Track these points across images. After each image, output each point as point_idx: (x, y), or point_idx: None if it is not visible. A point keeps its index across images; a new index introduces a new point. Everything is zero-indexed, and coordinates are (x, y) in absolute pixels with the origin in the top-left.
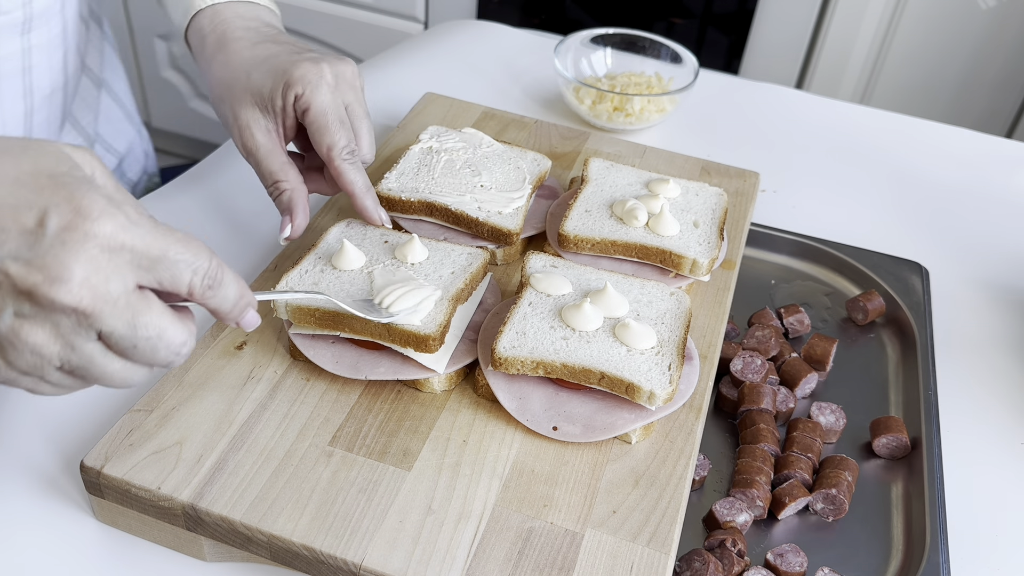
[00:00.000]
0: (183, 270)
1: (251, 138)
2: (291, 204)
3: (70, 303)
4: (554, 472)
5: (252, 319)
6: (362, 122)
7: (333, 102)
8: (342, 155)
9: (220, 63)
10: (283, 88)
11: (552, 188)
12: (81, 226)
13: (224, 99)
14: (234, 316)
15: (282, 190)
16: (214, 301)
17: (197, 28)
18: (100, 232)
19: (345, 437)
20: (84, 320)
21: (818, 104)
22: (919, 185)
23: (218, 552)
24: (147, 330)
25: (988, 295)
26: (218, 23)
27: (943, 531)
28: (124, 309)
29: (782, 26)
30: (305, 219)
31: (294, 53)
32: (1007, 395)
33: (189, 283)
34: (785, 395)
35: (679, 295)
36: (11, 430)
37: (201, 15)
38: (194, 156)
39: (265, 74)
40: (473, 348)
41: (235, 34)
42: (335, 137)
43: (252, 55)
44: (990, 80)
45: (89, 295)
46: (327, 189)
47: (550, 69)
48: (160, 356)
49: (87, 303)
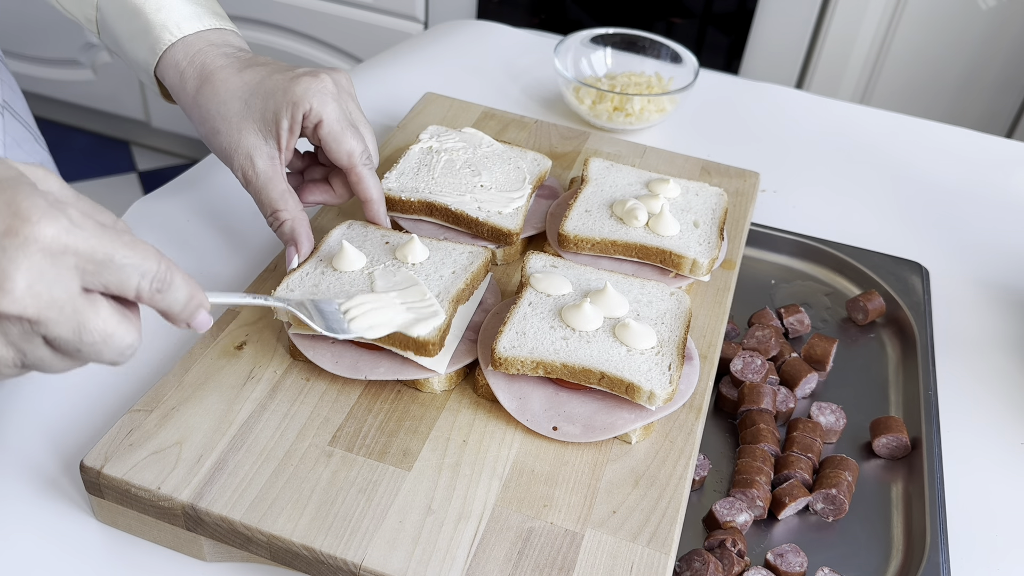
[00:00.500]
0: (130, 274)
1: (251, 167)
2: (293, 234)
3: (15, 312)
4: (554, 472)
5: (203, 320)
6: (366, 128)
7: (341, 110)
8: (362, 160)
9: (207, 96)
10: (289, 107)
11: (552, 188)
12: (21, 230)
13: (219, 131)
14: (184, 318)
15: (282, 220)
16: (163, 303)
17: (171, 64)
18: (41, 236)
19: (345, 437)
20: (31, 327)
21: (818, 104)
22: (919, 185)
23: (218, 552)
24: (92, 335)
25: (988, 295)
26: (194, 55)
27: (943, 531)
28: (70, 315)
29: (782, 26)
30: (310, 246)
31: (286, 71)
32: (1007, 395)
33: (137, 287)
34: (785, 395)
35: (679, 295)
36: (11, 430)
37: (172, 50)
38: (194, 156)
39: (264, 98)
40: (473, 348)
41: (216, 63)
42: (352, 143)
43: (242, 82)
44: (990, 80)
45: (33, 303)
46: (335, 198)
47: (550, 69)
48: (104, 357)
49: (32, 311)
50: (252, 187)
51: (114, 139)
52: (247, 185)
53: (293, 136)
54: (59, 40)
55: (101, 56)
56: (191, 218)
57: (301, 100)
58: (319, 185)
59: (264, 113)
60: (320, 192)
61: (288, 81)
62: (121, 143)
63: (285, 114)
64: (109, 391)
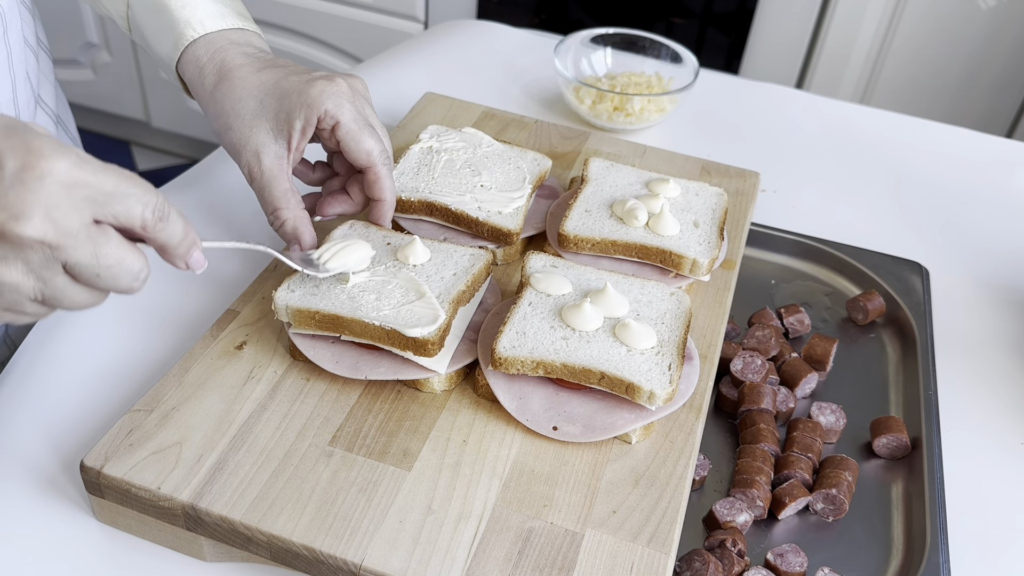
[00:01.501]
0: (135, 203)
1: (257, 164)
2: (296, 232)
3: (36, 236)
4: (554, 472)
5: (199, 259)
6: (382, 130)
7: (358, 112)
8: (382, 159)
9: (224, 92)
10: (303, 109)
11: (552, 188)
12: (37, 165)
13: (232, 127)
14: (182, 253)
15: (283, 219)
16: (164, 234)
17: (192, 59)
18: (55, 169)
19: (345, 437)
20: (51, 253)
21: (818, 104)
22: (919, 185)
23: (218, 552)
24: (108, 259)
25: (988, 295)
26: (215, 52)
27: (943, 531)
28: (86, 241)
29: (782, 26)
30: (313, 240)
31: (302, 74)
32: (1007, 395)
33: (141, 216)
34: (785, 395)
35: (679, 295)
36: (11, 430)
37: (195, 46)
38: (194, 156)
39: (279, 98)
40: (473, 348)
41: (236, 61)
42: (371, 143)
43: (259, 81)
44: (990, 80)
45: (52, 228)
46: (351, 208)
47: (550, 69)
48: (122, 283)
49: (51, 236)
50: (256, 184)
51: (114, 139)
52: (251, 182)
53: (304, 138)
54: (59, 40)
55: (101, 56)
56: (192, 217)
57: (316, 103)
58: (337, 196)
59: (278, 113)
60: (339, 203)
61: (304, 84)
62: (121, 143)
63: (299, 115)
64: (109, 391)
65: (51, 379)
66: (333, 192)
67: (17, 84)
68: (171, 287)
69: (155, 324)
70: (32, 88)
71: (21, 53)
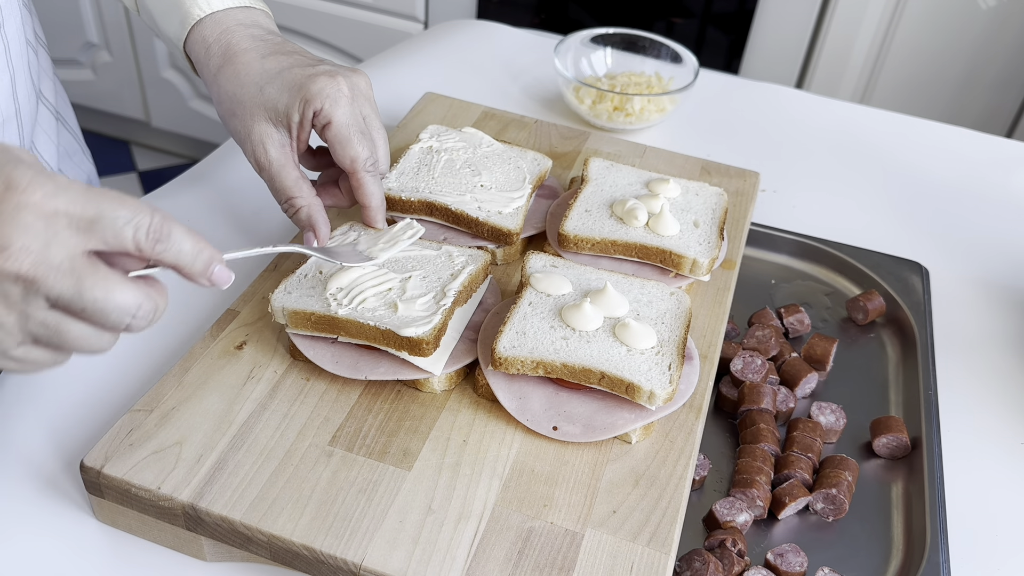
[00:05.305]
0: (122, 226)
1: (264, 154)
2: (311, 219)
3: (12, 269)
4: (554, 472)
5: (222, 275)
6: (379, 134)
7: (353, 115)
8: (365, 167)
9: (228, 76)
10: (301, 103)
11: (552, 188)
12: (12, 198)
13: (235, 113)
14: (198, 271)
15: (298, 207)
16: (168, 255)
17: (199, 39)
18: (30, 201)
19: (345, 437)
20: (30, 287)
21: (818, 104)
22: (919, 185)
23: (218, 552)
24: (92, 292)
25: (988, 295)
26: (221, 33)
27: (943, 531)
28: (68, 273)
29: (782, 26)
30: (327, 230)
31: (307, 66)
32: (1007, 395)
33: (133, 238)
34: (785, 395)
35: (679, 295)
36: (11, 430)
37: (201, 25)
38: (194, 156)
39: (280, 89)
40: (473, 348)
41: (241, 44)
42: (357, 150)
43: (263, 68)
44: (990, 80)
45: (29, 260)
46: (342, 202)
47: (550, 69)
48: (112, 318)
49: (27, 268)
50: (265, 173)
51: (114, 139)
52: (260, 171)
53: (304, 130)
54: (59, 40)
55: (101, 56)
56: (194, 217)
57: (313, 99)
58: (329, 188)
59: (276, 104)
60: (330, 196)
61: (305, 78)
62: (121, 143)
63: (296, 109)
64: (109, 391)
65: (51, 379)
66: (326, 184)
67: (17, 79)
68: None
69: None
70: (33, 83)
71: (19, 48)
